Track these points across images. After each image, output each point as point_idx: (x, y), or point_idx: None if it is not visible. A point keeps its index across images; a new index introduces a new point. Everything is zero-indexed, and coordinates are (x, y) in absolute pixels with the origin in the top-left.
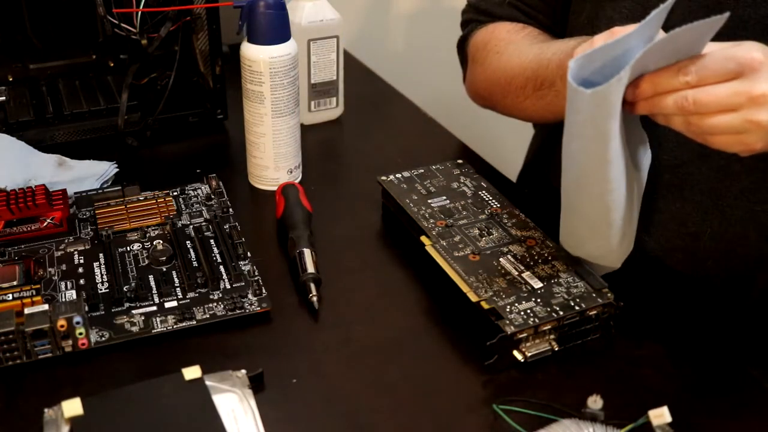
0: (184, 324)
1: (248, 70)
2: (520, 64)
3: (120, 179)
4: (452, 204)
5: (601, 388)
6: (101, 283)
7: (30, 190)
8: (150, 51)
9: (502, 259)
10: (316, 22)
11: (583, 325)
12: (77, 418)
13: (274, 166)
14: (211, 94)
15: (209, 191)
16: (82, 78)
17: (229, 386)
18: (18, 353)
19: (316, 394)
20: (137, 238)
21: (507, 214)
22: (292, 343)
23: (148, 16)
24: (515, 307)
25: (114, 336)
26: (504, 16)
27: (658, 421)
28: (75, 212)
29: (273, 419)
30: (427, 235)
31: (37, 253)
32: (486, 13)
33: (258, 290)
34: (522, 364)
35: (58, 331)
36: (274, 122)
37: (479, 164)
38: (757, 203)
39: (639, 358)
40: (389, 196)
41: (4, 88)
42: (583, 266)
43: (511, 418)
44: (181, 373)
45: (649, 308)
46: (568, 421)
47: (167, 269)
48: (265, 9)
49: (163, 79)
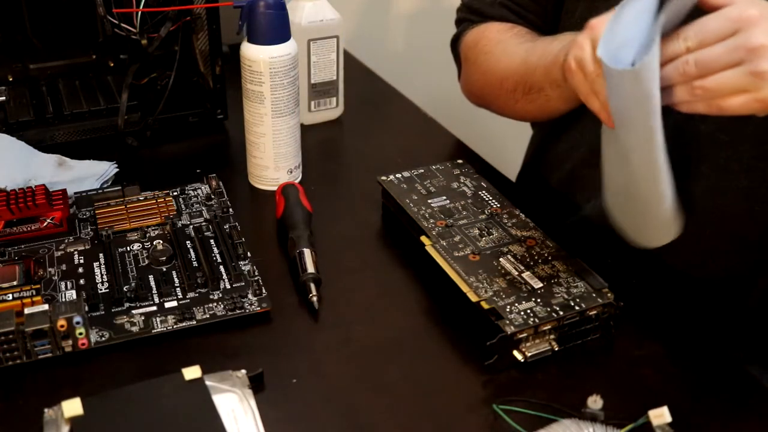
0: (184, 324)
1: (248, 70)
2: (508, 67)
3: (120, 179)
4: (452, 204)
5: (601, 388)
6: (101, 283)
7: (30, 190)
8: (150, 51)
9: (502, 259)
10: (316, 22)
11: (583, 325)
12: (77, 418)
13: (274, 166)
14: (211, 94)
15: (209, 191)
16: (82, 78)
17: (229, 386)
18: (18, 353)
19: (316, 394)
20: (137, 238)
21: (507, 214)
22: (292, 343)
23: (148, 16)
24: (515, 307)
25: (114, 336)
26: (495, 16)
27: (658, 421)
28: (75, 212)
29: (273, 419)
30: (427, 235)
31: (37, 253)
32: (478, 12)
33: (258, 290)
34: (522, 364)
35: (58, 331)
36: (274, 122)
37: (479, 164)
38: (756, 203)
39: (639, 358)
40: (389, 196)
41: (4, 88)
42: (583, 266)
43: (511, 418)
44: (181, 373)
45: (649, 308)
46: (568, 421)
47: (167, 269)
48: (265, 9)
49: (163, 79)
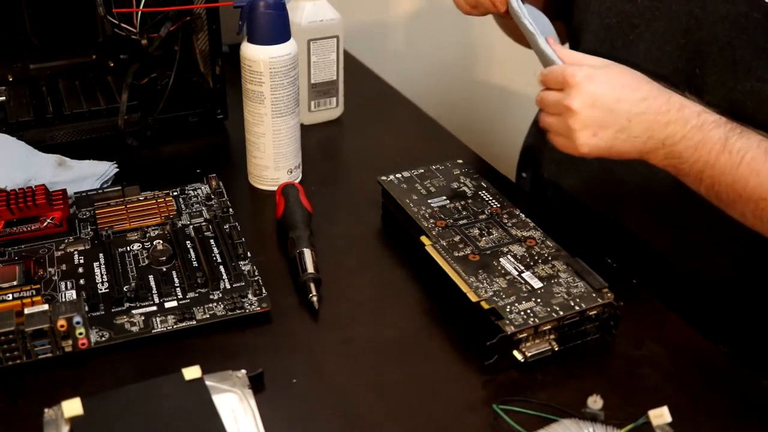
0: (184, 324)
1: (248, 70)
2: None
3: (120, 179)
4: (452, 204)
5: (601, 388)
6: (101, 283)
7: (30, 190)
8: (150, 51)
9: (502, 259)
10: (316, 22)
11: (583, 325)
12: (77, 418)
13: (274, 166)
14: (211, 94)
15: (209, 191)
16: (82, 78)
17: (229, 386)
18: (18, 353)
19: (316, 394)
20: (137, 238)
21: (507, 214)
22: (292, 343)
23: (148, 16)
24: (515, 307)
25: (114, 336)
26: None
27: (658, 421)
28: (75, 212)
29: (273, 419)
30: (427, 235)
31: (37, 253)
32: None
33: (258, 290)
34: (522, 364)
35: (58, 331)
36: (274, 122)
37: (479, 164)
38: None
39: (639, 358)
40: (389, 196)
41: (4, 88)
42: (583, 266)
43: (511, 418)
44: (181, 373)
45: (649, 308)
46: (568, 421)
47: (167, 269)
48: (265, 9)
49: (163, 79)
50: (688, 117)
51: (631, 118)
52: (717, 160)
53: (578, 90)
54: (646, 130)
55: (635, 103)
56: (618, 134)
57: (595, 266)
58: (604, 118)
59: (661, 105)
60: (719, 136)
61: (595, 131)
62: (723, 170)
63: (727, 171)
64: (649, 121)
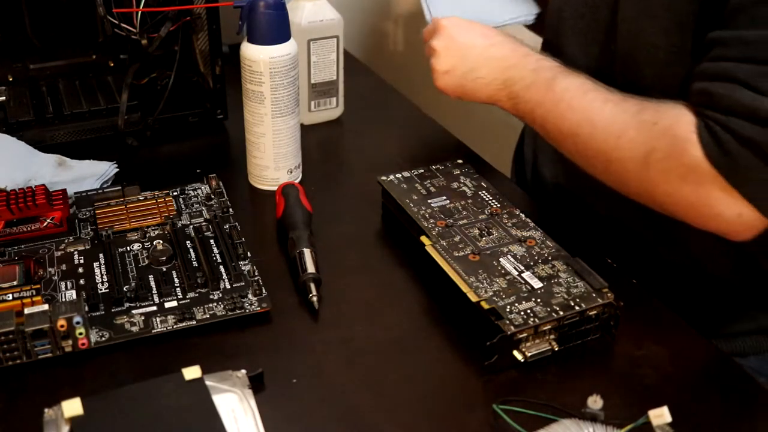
0: (184, 324)
1: (248, 70)
2: None
3: (120, 179)
4: (452, 204)
5: (601, 388)
6: (101, 283)
7: (30, 190)
8: (150, 51)
9: (502, 259)
10: (316, 22)
11: (583, 325)
12: (77, 418)
13: (274, 166)
14: (211, 94)
15: (209, 191)
16: (82, 78)
17: (229, 386)
18: (18, 353)
19: (316, 394)
20: (137, 238)
21: (507, 214)
22: (292, 343)
23: (148, 16)
24: (515, 307)
25: (114, 336)
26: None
27: (658, 421)
28: (75, 212)
29: (273, 419)
30: (427, 235)
31: (37, 253)
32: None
33: (258, 290)
34: (522, 364)
35: (58, 331)
36: (274, 122)
37: (479, 164)
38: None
39: (639, 358)
40: (389, 196)
41: (4, 88)
42: (583, 266)
43: (511, 418)
44: (181, 373)
45: (649, 308)
46: (568, 421)
47: (167, 269)
48: (265, 9)
49: (163, 79)
50: (527, 62)
51: (479, 62)
52: (544, 99)
53: (441, 33)
54: (490, 72)
55: (485, 48)
56: (466, 74)
57: (595, 266)
58: (456, 60)
59: (506, 52)
60: (548, 77)
61: (448, 70)
62: (548, 108)
63: (551, 108)
64: (493, 65)
